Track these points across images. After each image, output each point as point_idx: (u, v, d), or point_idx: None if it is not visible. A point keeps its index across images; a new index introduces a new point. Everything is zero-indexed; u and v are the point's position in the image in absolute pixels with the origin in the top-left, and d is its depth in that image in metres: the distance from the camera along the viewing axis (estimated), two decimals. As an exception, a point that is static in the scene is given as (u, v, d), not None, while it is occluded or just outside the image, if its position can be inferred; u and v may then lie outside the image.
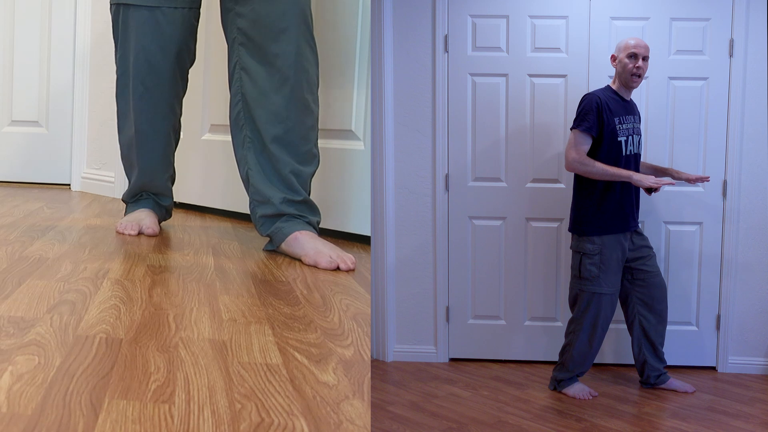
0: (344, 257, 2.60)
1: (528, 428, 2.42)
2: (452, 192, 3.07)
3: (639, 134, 2.73)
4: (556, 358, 3.07)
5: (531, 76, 3.03)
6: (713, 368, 3.01)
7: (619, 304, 2.77)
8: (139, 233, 3.05)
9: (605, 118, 2.63)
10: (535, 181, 3.05)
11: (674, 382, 2.75)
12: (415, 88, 3.05)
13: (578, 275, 2.69)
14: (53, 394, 1.37)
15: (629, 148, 2.68)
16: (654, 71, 2.96)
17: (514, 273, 3.08)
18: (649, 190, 2.66)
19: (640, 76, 2.67)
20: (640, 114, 2.80)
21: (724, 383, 2.86)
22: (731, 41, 2.93)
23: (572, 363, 2.72)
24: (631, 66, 2.64)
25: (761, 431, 2.43)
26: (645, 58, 2.66)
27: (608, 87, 2.72)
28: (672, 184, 2.66)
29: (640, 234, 2.77)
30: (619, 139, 2.65)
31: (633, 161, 2.70)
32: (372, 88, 3.03)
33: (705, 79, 2.94)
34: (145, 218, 3.11)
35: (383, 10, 3.02)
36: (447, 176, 3.07)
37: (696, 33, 2.94)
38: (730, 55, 2.94)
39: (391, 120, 3.05)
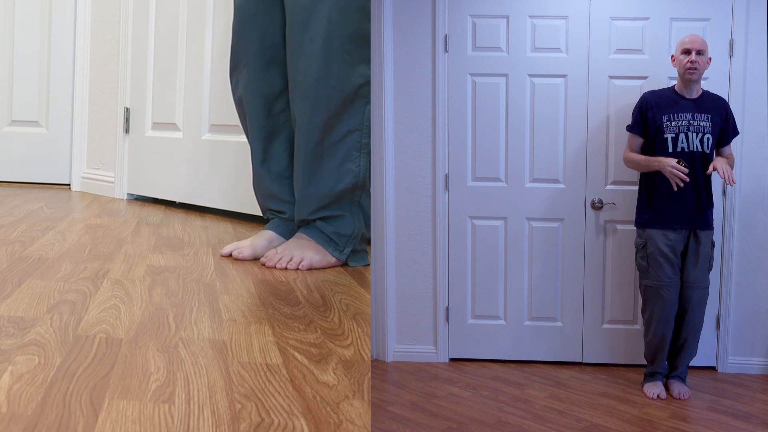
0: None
1: (528, 428, 2.42)
2: (452, 192, 3.07)
3: (703, 132, 2.66)
4: (556, 358, 3.07)
5: (531, 76, 3.03)
6: (713, 368, 3.01)
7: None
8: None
9: (650, 116, 2.71)
10: (535, 181, 3.05)
11: (674, 385, 2.73)
12: (415, 88, 3.05)
13: (637, 269, 2.79)
14: (53, 394, 1.37)
15: (680, 145, 2.67)
16: (654, 71, 2.96)
17: (514, 273, 3.08)
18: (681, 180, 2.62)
19: (696, 69, 2.66)
20: (720, 112, 2.71)
21: (724, 383, 2.86)
22: (731, 41, 2.93)
23: (646, 359, 2.81)
24: (686, 61, 2.67)
25: (761, 431, 2.43)
26: (699, 52, 2.66)
27: (673, 86, 2.77)
28: (684, 179, 2.59)
29: (699, 241, 2.68)
30: (665, 136, 2.68)
31: (686, 159, 2.66)
32: (372, 88, 3.03)
33: (705, 79, 2.93)
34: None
35: (383, 10, 3.02)
36: (447, 176, 3.07)
37: (696, 33, 2.93)
38: (730, 55, 2.94)
39: (391, 120, 3.05)
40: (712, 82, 2.93)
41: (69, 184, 4.81)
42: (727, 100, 2.91)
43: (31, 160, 4.81)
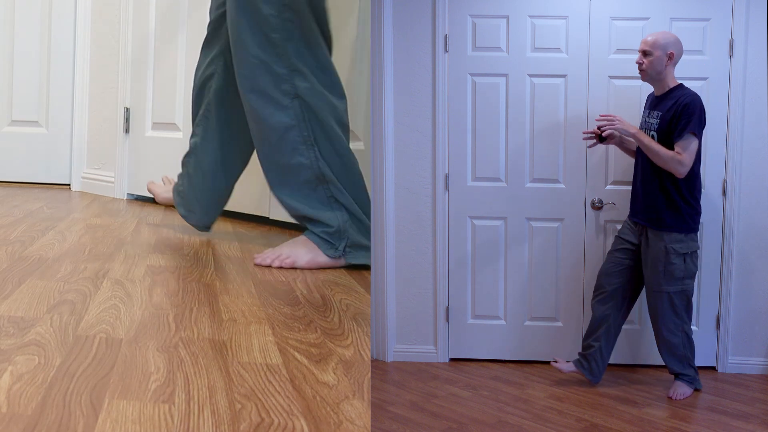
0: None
1: (528, 428, 2.42)
2: (452, 192, 3.07)
3: (650, 129, 2.66)
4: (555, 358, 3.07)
5: (531, 76, 3.03)
6: (713, 368, 3.01)
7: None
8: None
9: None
10: (535, 181, 3.05)
11: (673, 386, 2.72)
12: (415, 88, 3.05)
13: None
14: (53, 394, 1.37)
15: None
16: (654, 71, 2.96)
17: (514, 273, 3.08)
18: (602, 139, 2.73)
19: (642, 70, 2.67)
20: (673, 109, 2.61)
21: (724, 383, 2.86)
22: (731, 41, 2.93)
23: None
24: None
25: (761, 431, 2.44)
26: (645, 53, 2.66)
27: None
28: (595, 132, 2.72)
29: (648, 241, 2.67)
30: None
31: (641, 156, 2.68)
32: (372, 88, 3.03)
33: (705, 79, 2.94)
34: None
35: (383, 10, 3.02)
36: (447, 176, 3.07)
37: (696, 33, 2.93)
38: (730, 55, 2.94)
39: (391, 120, 3.05)
40: (712, 82, 2.94)
41: (69, 184, 4.81)
42: (726, 100, 2.92)
43: (31, 160, 4.81)
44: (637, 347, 3.01)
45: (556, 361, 2.82)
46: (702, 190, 2.97)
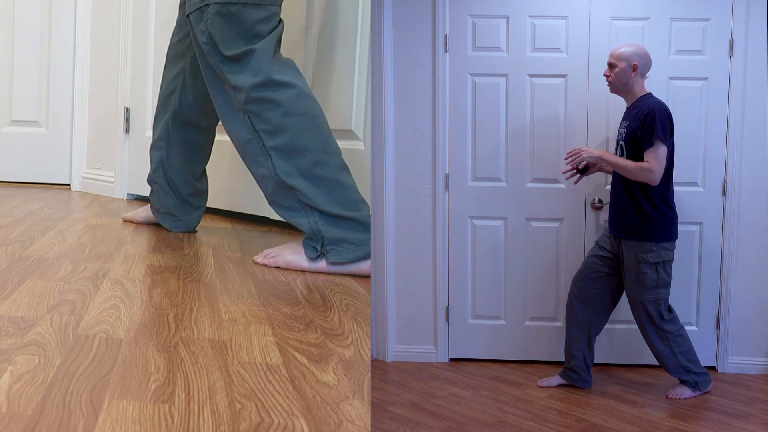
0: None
1: (528, 428, 2.42)
2: (452, 192, 3.07)
3: (621, 140, 2.68)
4: (555, 358, 3.07)
5: (531, 76, 3.03)
6: (713, 368, 3.01)
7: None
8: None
9: None
10: (535, 181, 3.05)
11: (676, 387, 2.72)
12: (415, 88, 3.05)
13: None
14: (53, 394, 1.37)
15: (616, 153, 2.70)
16: (654, 71, 2.96)
17: (514, 273, 3.08)
18: (582, 172, 2.75)
19: (609, 83, 2.69)
20: (638, 118, 2.61)
21: (724, 383, 2.86)
22: (731, 41, 2.93)
23: None
24: None
25: (761, 431, 2.44)
26: (610, 65, 2.67)
27: None
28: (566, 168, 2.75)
29: (622, 251, 2.67)
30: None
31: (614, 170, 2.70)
32: (372, 88, 3.03)
33: (705, 79, 2.94)
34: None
35: (383, 10, 3.02)
36: (447, 176, 3.07)
37: (696, 33, 2.93)
38: (730, 55, 2.94)
39: (391, 120, 3.05)
40: (712, 82, 2.94)
41: (69, 184, 4.81)
42: (726, 100, 2.92)
43: (31, 160, 4.81)
44: (637, 347, 3.01)
45: (541, 384, 2.81)
46: (702, 189, 2.98)
